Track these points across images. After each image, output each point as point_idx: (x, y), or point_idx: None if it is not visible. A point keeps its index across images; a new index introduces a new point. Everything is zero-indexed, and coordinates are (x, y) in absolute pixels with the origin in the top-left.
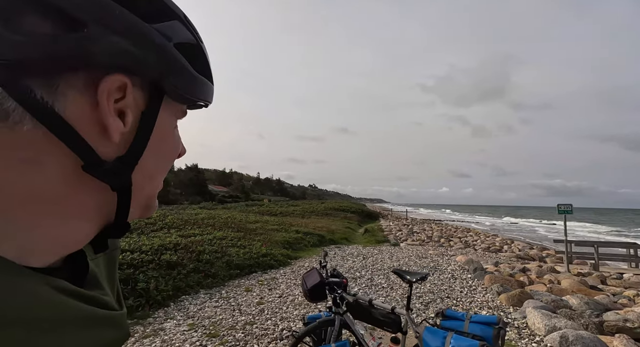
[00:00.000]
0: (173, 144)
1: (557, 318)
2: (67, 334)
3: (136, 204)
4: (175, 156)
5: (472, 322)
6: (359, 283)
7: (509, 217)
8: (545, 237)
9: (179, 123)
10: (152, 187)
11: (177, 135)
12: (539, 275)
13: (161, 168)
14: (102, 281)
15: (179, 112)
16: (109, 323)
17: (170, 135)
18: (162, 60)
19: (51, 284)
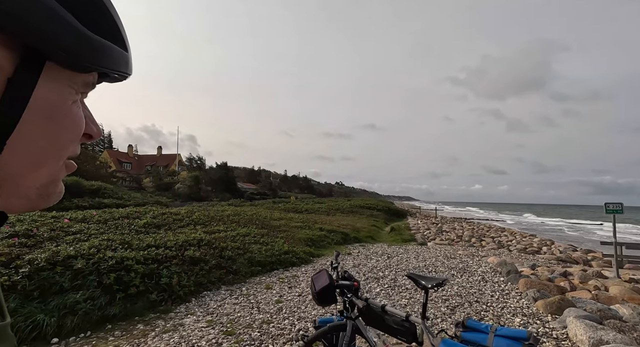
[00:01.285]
0: (69, 123)
1: (604, 330)
2: None
3: (19, 194)
4: (74, 137)
5: (497, 335)
6: (382, 283)
7: (530, 214)
8: (584, 238)
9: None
10: (42, 174)
11: (78, 112)
12: (583, 280)
13: (52, 152)
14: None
15: (79, 84)
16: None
17: (63, 111)
18: (33, 13)
19: None
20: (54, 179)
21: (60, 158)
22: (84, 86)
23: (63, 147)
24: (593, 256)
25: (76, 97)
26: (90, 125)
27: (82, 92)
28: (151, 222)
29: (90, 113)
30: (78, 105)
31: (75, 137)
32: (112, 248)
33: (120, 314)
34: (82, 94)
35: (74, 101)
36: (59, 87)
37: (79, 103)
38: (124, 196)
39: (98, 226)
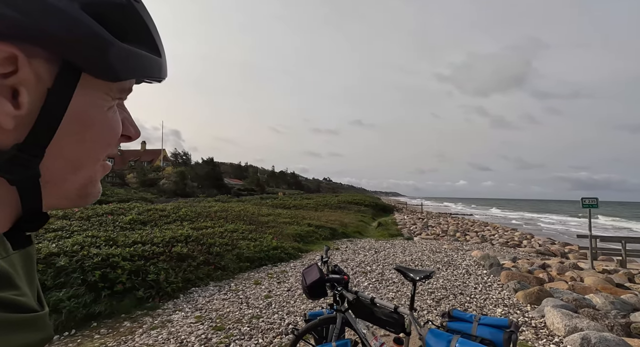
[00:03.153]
0: (104, 128)
1: (578, 318)
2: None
3: (60, 195)
4: (112, 141)
5: (480, 324)
6: (369, 278)
7: (494, 208)
8: (561, 232)
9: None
10: (81, 176)
11: (114, 117)
12: (560, 272)
13: (89, 156)
14: (18, 280)
15: (115, 91)
16: (23, 326)
17: (99, 118)
18: (70, 31)
19: None
20: (93, 180)
21: (97, 161)
22: (120, 92)
23: (100, 151)
24: (570, 249)
25: (112, 103)
26: (128, 126)
27: (119, 98)
28: (137, 219)
29: (129, 115)
30: (114, 110)
31: (111, 141)
32: (96, 245)
33: (106, 311)
34: (119, 99)
35: (110, 107)
36: (95, 96)
37: (115, 108)
38: (107, 192)
39: (81, 222)
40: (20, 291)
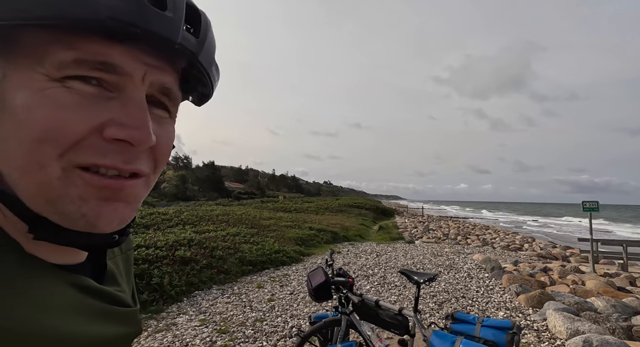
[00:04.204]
0: (30, 116)
1: (580, 321)
2: (76, 326)
3: (32, 201)
4: (50, 135)
5: (483, 326)
6: (372, 281)
7: (485, 210)
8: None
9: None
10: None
11: (54, 100)
12: (562, 275)
13: (24, 154)
14: (120, 278)
15: (46, 64)
16: (119, 318)
17: (22, 101)
18: None
19: (68, 280)
20: (55, 192)
21: (40, 164)
22: (59, 68)
23: (32, 148)
24: (571, 253)
25: (47, 84)
26: (112, 127)
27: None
28: (139, 222)
29: (129, 111)
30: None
31: (45, 134)
32: None
33: None
34: (90, 84)
35: (42, 89)
36: (17, 74)
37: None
38: None
39: None
40: (120, 288)
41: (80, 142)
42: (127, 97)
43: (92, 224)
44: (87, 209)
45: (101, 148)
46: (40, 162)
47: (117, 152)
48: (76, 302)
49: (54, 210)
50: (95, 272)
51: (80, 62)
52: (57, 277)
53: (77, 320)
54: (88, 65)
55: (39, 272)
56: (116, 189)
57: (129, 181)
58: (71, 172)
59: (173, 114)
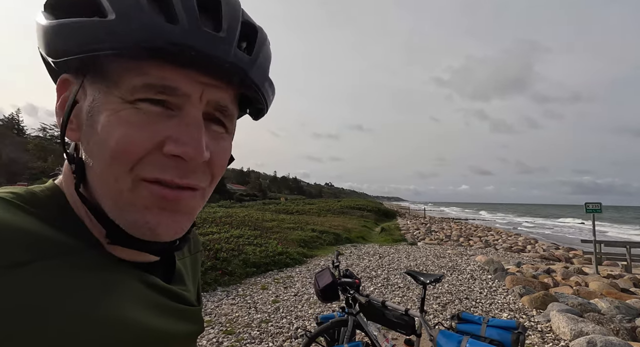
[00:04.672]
0: (108, 134)
1: (584, 322)
2: (151, 319)
3: (109, 209)
4: (122, 151)
5: (489, 326)
6: (375, 283)
7: (483, 211)
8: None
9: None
10: (110, 191)
11: (126, 121)
12: (565, 277)
13: (103, 168)
14: (187, 278)
15: (122, 89)
16: (184, 316)
17: (103, 122)
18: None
19: (141, 278)
20: (126, 201)
21: (115, 176)
22: (132, 92)
23: (109, 162)
24: (574, 254)
25: (121, 106)
26: (170, 142)
27: (139, 100)
28: None
29: (184, 129)
30: (126, 116)
31: (119, 150)
32: None
33: None
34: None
35: (117, 111)
36: (99, 98)
37: (131, 112)
38: None
39: None
40: (186, 287)
41: (145, 157)
42: (185, 115)
43: (154, 232)
44: (150, 217)
45: (161, 163)
46: (115, 174)
47: (174, 167)
48: (148, 298)
49: (124, 217)
50: (165, 272)
51: (148, 87)
52: (131, 274)
53: (150, 314)
54: (155, 89)
55: (116, 268)
56: (173, 200)
57: (184, 192)
58: (138, 184)
59: (229, 129)
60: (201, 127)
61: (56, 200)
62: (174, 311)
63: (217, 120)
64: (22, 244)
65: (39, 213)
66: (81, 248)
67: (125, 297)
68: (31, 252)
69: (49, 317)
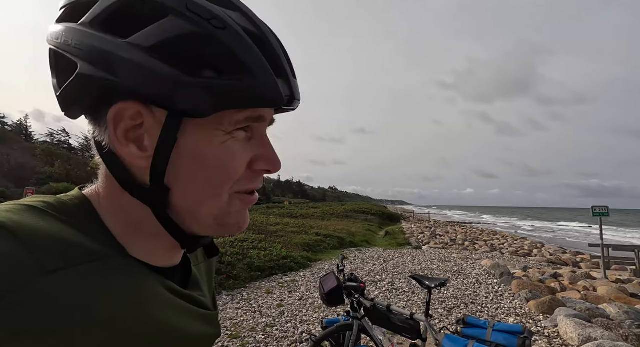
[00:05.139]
0: (216, 162)
1: (592, 328)
2: (175, 320)
3: (198, 224)
4: (229, 175)
5: (495, 330)
6: (380, 287)
7: (487, 215)
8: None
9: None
10: (208, 209)
11: (229, 151)
12: (573, 281)
13: (206, 190)
14: (202, 284)
15: (224, 124)
16: (202, 320)
17: (209, 152)
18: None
19: (162, 283)
20: (225, 211)
21: (218, 195)
22: (234, 124)
23: (217, 184)
24: (582, 258)
25: (225, 137)
26: (259, 161)
27: (236, 129)
28: None
29: (267, 147)
30: (231, 144)
31: (228, 175)
32: None
33: None
34: (242, 131)
35: (223, 142)
36: (202, 133)
37: (233, 142)
38: None
39: None
40: (202, 293)
41: (242, 175)
42: (262, 135)
43: (240, 227)
44: (239, 218)
45: (250, 177)
46: (219, 195)
47: (257, 179)
48: (171, 301)
49: (218, 223)
50: (182, 278)
51: (248, 119)
52: (153, 277)
53: (175, 317)
54: (251, 120)
55: (141, 273)
56: (252, 202)
57: (254, 195)
58: (233, 197)
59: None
60: (270, 143)
61: (85, 209)
62: (194, 315)
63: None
64: (57, 250)
65: (70, 221)
66: (109, 254)
67: (153, 300)
68: (65, 258)
69: (80, 318)
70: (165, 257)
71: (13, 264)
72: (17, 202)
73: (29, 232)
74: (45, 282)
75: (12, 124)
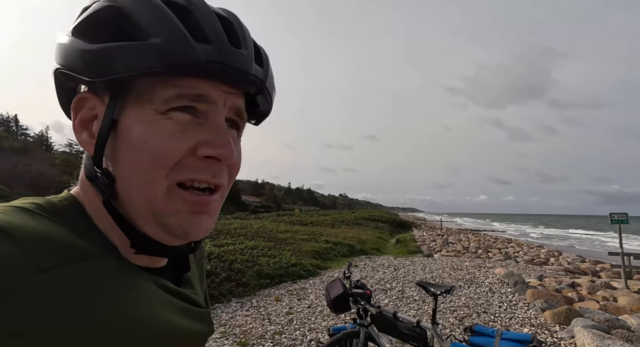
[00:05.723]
0: (146, 143)
1: (611, 339)
2: (169, 318)
3: (138, 216)
4: (161, 159)
5: (503, 339)
6: (390, 295)
7: (495, 222)
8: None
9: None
10: (142, 196)
11: (163, 132)
12: (591, 291)
13: (137, 175)
14: (195, 283)
15: (155, 102)
16: (195, 317)
17: (139, 133)
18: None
19: (155, 281)
20: (160, 206)
21: (151, 181)
22: (165, 102)
23: (147, 168)
24: (602, 267)
25: (157, 117)
26: (204, 146)
27: (170, 110)
28: None
29: (214, 133)
30: (167, 126)
31: (159, 158)
32: None
33: None
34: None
35: (154, 122)
36: (134, 112)
37: (167, 122)
38: None
39: None
40: (195, 291)
41: (180, 161)
42: (213, 121)
43: (186, 233)
44: (182, 221)
45: (195, 165)
46: (152, 181)
47: (207, 168)
48: (163, 298)
49: (158, 221)
50: (174, 277)
51: (181, 96)
52: (146, 277)
53: (167, 313)
54: (187, 98)
55: (133, 272)
56: (203, 204)
57: (212, 196)
58: (172, 190)
59: (241, 132)
60: (227, 130)
61: (75, 209)
62: (187, 312)
63: (233, 124)
64: (50, 249)
65: (61, 221)
66: (101, 253)
67: (145, 297)
68: (58, 257)
69: (78, 316)
70: (152, 257)
71: (11, 265)
72: (6, 204)
73: (22, 233)
74: (40, 280)
75: (34, 135)
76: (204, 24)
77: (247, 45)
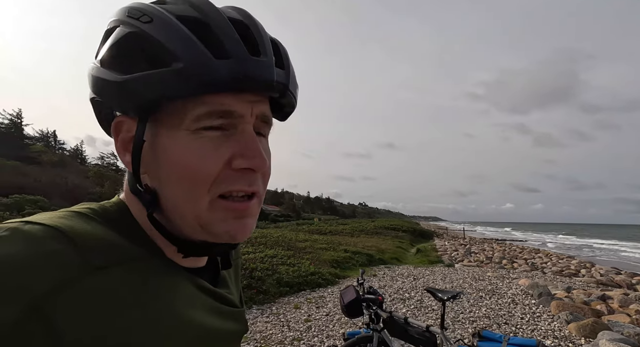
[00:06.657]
0: (184, 164)
1: None
2: (205, 318)
3: (186, 227)
4: (199, 177)
5: (510, 344)
6: (408, 305)
7: (510, 229)
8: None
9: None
10: (188, 212)
11: (195, 149)
12: (623, 304)
13: (177, 193)
14: (230, 283)
15: (186, 121)
16: (230, 317)
17: (176, 154)
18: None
19: (192, 281)
20: (206, 219)
21: (194, 199)
22: (197, 121)
23: (189, 188)
24: (639, 280)
25: (190, 137)
26: (238, 158)
27: (202, 128)
28: None
29: (244, 144)
30: (196, 142)
31: (196, 175)
32: None
33: None
34: (211, 129)
35: (188, 142)
36: (168, 134)
37: (201, 141)
38: None
39: None
40: (230, 291)
41: (218, 177)
42: (242, 131)
43: (233, 237)
44: (228, 227)
45: (232, 177)
46: (195, 199)
47: (242, 178)
48: (201, 299)
49: (207, 231)
50: (211, 277)
51: (210, 114)
52: (187, 277)
53: (205, 314)
54: (216, 115)
55: (176, 273)
56: (242, 210)
57: (250, 202)
58: (214, 202)
59: (268, 135)
60: (257, 140)
61: (124, 214)
62: (223, 312)
63: (260, 129)
64: (101, 250)
65: (111, 225)
66: (147, 255)
67: (186, 298)
68: (108, 258)
69: (128, 313)
70: (193, 258)
71: (62, 261)
72: (67, 209)
73: (77, 234)
74: (91, 278)
75: (70, 149)
76: (222, 38)
77: (266, 51)
